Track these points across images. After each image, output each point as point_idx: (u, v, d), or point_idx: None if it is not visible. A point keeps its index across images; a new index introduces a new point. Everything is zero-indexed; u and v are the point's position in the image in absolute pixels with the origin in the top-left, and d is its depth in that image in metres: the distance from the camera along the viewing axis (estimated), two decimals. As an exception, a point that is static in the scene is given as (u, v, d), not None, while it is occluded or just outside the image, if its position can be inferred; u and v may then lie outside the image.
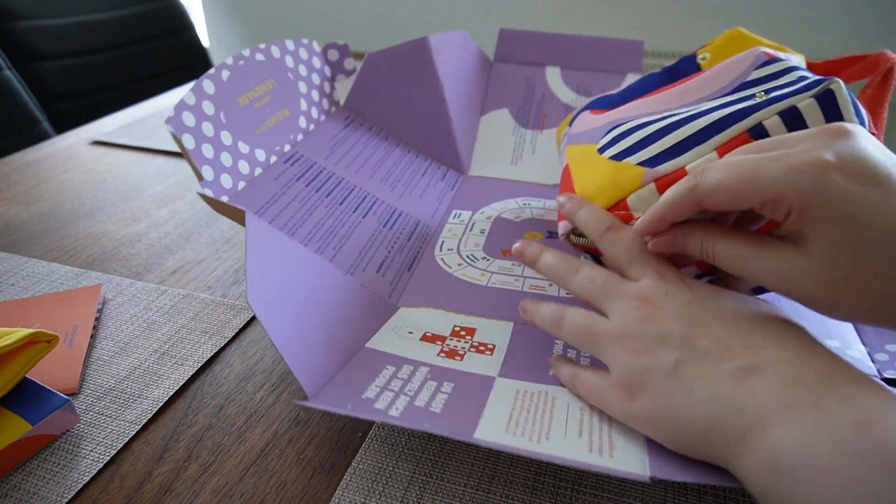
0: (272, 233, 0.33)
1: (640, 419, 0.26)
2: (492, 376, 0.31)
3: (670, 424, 0.25)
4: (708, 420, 0.23)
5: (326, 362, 0.31)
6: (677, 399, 0.25)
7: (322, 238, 0.40)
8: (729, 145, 0.29)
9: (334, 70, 0.55)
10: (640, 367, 0.26)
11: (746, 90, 0.33)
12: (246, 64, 0.44)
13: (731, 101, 0.32)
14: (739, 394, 0.23)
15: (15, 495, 0.28)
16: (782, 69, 0.32)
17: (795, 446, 0.21)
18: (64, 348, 0.37)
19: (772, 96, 0.29)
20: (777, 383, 0.23)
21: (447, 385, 0.30)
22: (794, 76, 0.31)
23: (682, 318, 0.26)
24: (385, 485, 0.28)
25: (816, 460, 0.20)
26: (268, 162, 0.44)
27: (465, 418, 0.28)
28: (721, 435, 0.23)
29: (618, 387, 0.27)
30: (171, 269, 0.46)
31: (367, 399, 0.29)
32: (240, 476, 0.29)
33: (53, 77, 1.07)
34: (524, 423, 0.27)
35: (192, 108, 0.38)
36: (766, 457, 0.21)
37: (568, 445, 0.26)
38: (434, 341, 0.34)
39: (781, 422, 0.22)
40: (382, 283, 0.39)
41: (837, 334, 0.35)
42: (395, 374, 0.31)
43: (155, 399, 0.33)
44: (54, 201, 0.57)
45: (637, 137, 0.34)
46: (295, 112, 0.48)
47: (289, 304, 0.31)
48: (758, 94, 0.31)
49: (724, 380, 0.24)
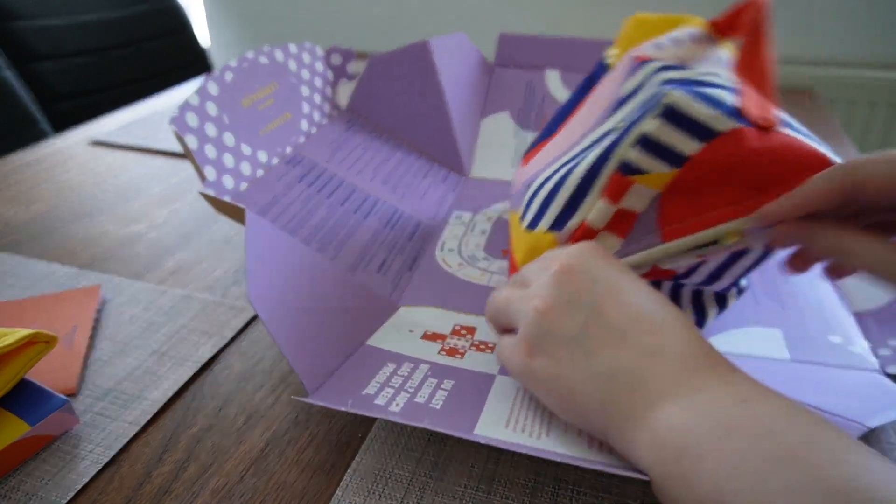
0: (272, 231, 0.33)
1: (537, 379, 0.26)
2: (492, 374, 0.31)
3: (566, 389, 0.25)
4: (606, 391, 0.24)
5: (326, 359, 0.31)
6: (578, 363, 0.25)
7: (323, 238, 0.40)
8: (609, 188, 0.29)
9: (337, 74, 0.55)
10: (545, 326, 0.26)
11: (620, 109, 0.33)
12: (250, 66, 0.44)
13: (600, 136, 0.32)
14: (641, 370, 0.24)
15: (14, 496, 0.28)
16: (648, 74, 0.32)
17: (684, 422, 0.22)
18: (63, 349, 0.37)
19: (627, 125, 0.29)
20: (673, 366, 0.24)
21: (447, 382, 0.30)
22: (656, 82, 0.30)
23: (593, 289, 0.26)
24: (385, 485, 0.28)
25: (702, 433, 0.21)
26: (270, 163, 0.44)
27: (465, 415, 0.28)
28: (616, 408, 0.24)
29: (522, 342, 0.27)
30: (171, 270, 0.46)
31: (368, 395, 0.29)
32: (239, 477, 0.29)
33: (53, 77, 1.07)
34: (524, 419, 0.28)
35: (196, 109, 0.38)
36: (658, 433, 0.23)
37: (568, 442, 0.26)
38: (434, 339, 0.34)
39: (672, 401, 0.23)
40: (383, 282, 0.39)
41: (840, 330, 0.35)
42: (396, 371, 0.31)
43: (154, 400, 0.33)
44: (54, 201, 0.57)
45: (541, 198, 0.33)
46: (297, 115, 0.48)
47: (289, 300, 0.31)
48: (616, 124, 0.31)
49: (628, 354, 0.24)
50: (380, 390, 0.29)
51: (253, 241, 0.30)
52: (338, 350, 0.32)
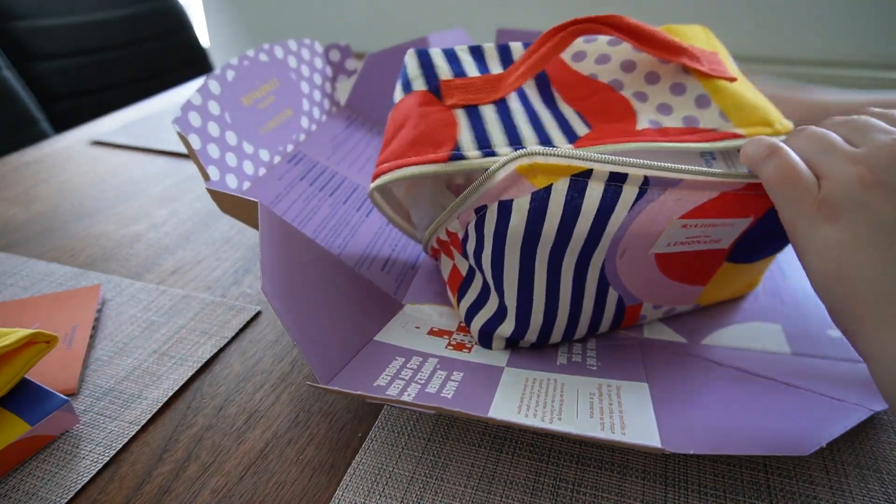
0: (284, 224, 0.33)
1: (820, 245, 0.24)
2: (500, 366, 0.31)
3: (848, 268, 0.23)
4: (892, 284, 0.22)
5: (337, 352, 0.31)
6: (877, 247, 0.23)
7: (327, 236, 0.40)
8: None
9: (336, 70, 0.55)
10: (860, 197, 0.24)
11: None
12: (250, 64, 0.44)
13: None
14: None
15: (14, 496, 0.28)
16: None
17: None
18: (63, 349, 0.37)
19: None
20: None
21: (457, 374, 0.30)
22: None
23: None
24: (385, 485, 0.28)
25: None
26: (271, 162, 0.44)
27: (476, 402, 0.28)
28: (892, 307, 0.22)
29: (822, 201, 0.24)
30: (171, 270, 0.46)
31: (379, 387, 0.29)
32: (239, 476, 0.29)
33: (52, 77, 1.07)
34: (535, 406, 0.28)
35: (199, 109, 0.38)
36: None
37: (580, 424, 0.26)
38: (441, 335, 0.35)
39: None
40: (388, 280, 0.40)
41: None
42: (405, 364, 0.31)
43: (154, 399, 0.33)
44: (53, 201, 0.57)
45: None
46: (297, 112, 0.48)
47: (300, 293, 0.31)
48: None
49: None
50: (391, 382, 0.29)
51: (266, 233, 0.30)
52: (348, 343, 0.32)
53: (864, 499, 0.27)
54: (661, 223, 0.28)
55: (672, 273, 0.32)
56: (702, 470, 0.29)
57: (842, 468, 0.29)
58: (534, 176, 0.26)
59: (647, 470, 0.29)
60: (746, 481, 0.28)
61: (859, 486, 0.28)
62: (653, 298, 0.34)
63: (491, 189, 0.27)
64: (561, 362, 0.32)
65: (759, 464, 0.29)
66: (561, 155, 0.25)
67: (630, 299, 0.33)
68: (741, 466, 0.29)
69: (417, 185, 0.35)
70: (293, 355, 0.37)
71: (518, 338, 0.33)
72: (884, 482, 0.28)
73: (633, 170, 0.26)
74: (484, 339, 0.33)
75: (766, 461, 0.29)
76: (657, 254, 0.30)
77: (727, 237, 0.31)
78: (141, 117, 0.79)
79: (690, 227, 0.29)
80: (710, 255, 0.32)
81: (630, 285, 0.32)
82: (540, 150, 0.26)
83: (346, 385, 0.29)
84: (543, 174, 0.26)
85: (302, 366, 0.36)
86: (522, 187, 0.26)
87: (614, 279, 0.31)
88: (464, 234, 0.31)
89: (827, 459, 0.29)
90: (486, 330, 0.33)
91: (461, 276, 0.34)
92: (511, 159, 0.26)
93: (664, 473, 0.29)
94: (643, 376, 0.31)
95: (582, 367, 0.32)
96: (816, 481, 0.28)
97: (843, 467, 0.29)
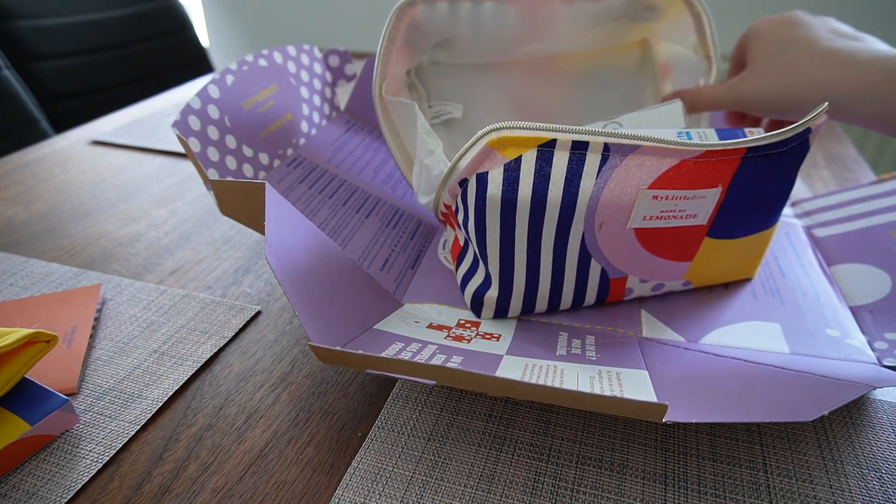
0: (291, 208, 0.33)
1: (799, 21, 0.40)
2: (500, 354, 0.32)
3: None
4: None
5: (337, 329, 0.31)
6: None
7: (327, 237, 0.40)
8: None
9: (335, 75, 0.55)
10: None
11: None
12: (250, 69, 0.44)
13: None
14: None
15: (14, 495, 0.28)
16: None
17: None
18: (63, 348, 0.37)
19: None
20: None
21: (456, 358, 0.30)
22: None
23: None
24: (385, 485, 0.28)
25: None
26: (271, 165, 0.44)
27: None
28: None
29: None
30: (171, 269, 0.46)
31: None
32: (239, 476, 0.29)
33: (52, 77, 1.07)
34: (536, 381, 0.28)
35: (198, 112, 0.38)
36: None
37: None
38: (440, 329, 0.35)
39: None
40: (387, 280, 0.40)
41: (836, 324, 0.36)
42: (405, 347, 0.31)
43: (154, 399, 0.33)
44: (53, 201, 0.57)
45: None
46: (297, 116, 0.48)
47: (303, 272, 0.31)
48: None
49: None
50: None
51: (272, 210, 0.30)
52: (347, 324, 0.32)
53: (864, 499, 0.27)
54: (631, 193, 0.30)
55: (654, 248, 0.34)
56: (702, 470, 0.29)
57: (842, 468, 0.29)
58: (504, 148, 0.29)
59: (646, 470, 0.29)
60: (746, 481, 0.28)
61: (859, 486, 0.28)
62: (637, 272, 0.36)
63: (468, 163, 0.30)
64: (560, 353, 0.33)
65: (759, 464, 0.29)
66: (525, 127, 0.29)
67: (614, 272, 0.35)
68: (741, 466, 0.29)
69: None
70: (293, 355, 0.37)
71: (504, 305, 0.36)
72: (883, 482, 0.28)
73: (593, 138, 0.29)
74: (475, 305, 0.36)
75: (766, 461, 0.29)
76: (636, 229, 0.32)
77: (702, 211, 0.32)
78: (141, 117, 0.79)
79: (661, 199, 0.31)
80: (689, 231, 0.34)
81: (612, 258, 0.34)
82: (507, 125, 0.29)
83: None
84: (513, 146, 0.29)
85: (302, 365, 0.36)
86: (495, 160, 0.29)
87: (595, 251, 0.33)
88: (455, 205, 0.34)
89: (827, 459, 0.29)
90: (477, 296, 0.36)
91: (460, 245, 0.37)
92: (483, 134, 0.29)
93: (664, 473, 0.29)
94: (643, 365, 0.31)
95: (581, 357, 0.32)
96: (816, 481, 0.28)
97: (843, 467, 0.29)
